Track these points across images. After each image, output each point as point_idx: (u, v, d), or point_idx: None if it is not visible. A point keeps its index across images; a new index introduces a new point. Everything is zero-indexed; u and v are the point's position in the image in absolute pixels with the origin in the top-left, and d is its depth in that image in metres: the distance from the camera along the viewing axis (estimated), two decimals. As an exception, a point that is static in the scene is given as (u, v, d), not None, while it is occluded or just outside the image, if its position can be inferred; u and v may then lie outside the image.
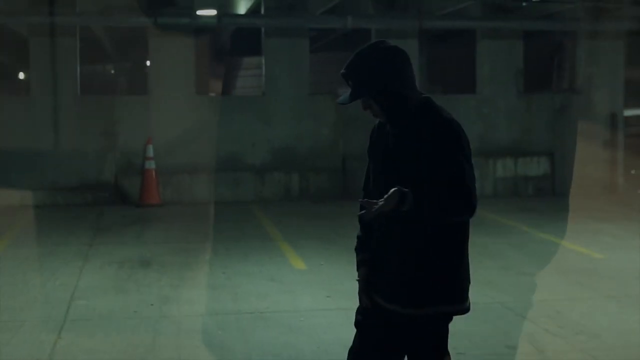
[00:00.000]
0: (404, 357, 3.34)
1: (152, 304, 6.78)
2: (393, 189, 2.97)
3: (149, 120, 12.91)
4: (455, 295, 3.19)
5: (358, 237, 3.45)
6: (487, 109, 14.09)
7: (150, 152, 12.59)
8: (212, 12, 14.09)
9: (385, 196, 2.97)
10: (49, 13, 12.24)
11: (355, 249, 3.47)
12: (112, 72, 23.55)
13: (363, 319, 3.36)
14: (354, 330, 3.44)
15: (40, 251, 9.00)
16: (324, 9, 13.09)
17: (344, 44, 16.32)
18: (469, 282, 3.25)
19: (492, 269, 8.27)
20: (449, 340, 3.36)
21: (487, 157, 13.94)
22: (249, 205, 12.67)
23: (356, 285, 3.44)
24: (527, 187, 14.15)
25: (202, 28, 14.38)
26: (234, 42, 21.06)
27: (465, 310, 3.24)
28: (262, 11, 13.48)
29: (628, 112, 14.93)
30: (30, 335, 5.93)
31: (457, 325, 6.20)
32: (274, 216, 11.68)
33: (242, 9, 16.33)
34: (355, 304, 3.47)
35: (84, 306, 6.72)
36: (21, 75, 25.67)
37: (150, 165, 12.59)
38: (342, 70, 3.18)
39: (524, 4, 13.61)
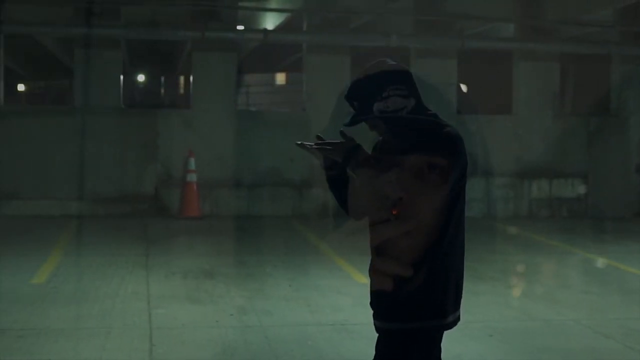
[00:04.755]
0: None
1: (231, 314, 6.81)
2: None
3: (190, 134, 12.97)
4: (435, 311, 3.06)
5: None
6: (522, 130, 14.17)
7: (192, 165, 12.63)
8: (240, 27, 14.21)
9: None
10: (95, 25, 12.33)
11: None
12: (155, 85, 23.59)
13: None
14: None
15: (100, 260, 9.03)
16: (359, 22, 13.18)
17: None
18: (447, 298, 3.08)
19: (554, 287, 8.37)
20: (539, 356, 3.26)
21: (522, 178, 14.04)
22: (289, 220, 12.72)
23: None
24: (561, 209, 14.22)
25: (244, 43, 14.46)
26: (258, 58, 21.23)
27: (447, 325, 3.09)
28: (305, 27, 13.59)
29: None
30: (121, 342, 5.96)
31: (545, 341, 6.36)
32: (317, 231, 11.75)
33: (269, 24, 16.45)
34: None
35: (165, 315, 6.76)
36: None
37: (192, 178, 12.64)
38: (346, 93, 3.12)
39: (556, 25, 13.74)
